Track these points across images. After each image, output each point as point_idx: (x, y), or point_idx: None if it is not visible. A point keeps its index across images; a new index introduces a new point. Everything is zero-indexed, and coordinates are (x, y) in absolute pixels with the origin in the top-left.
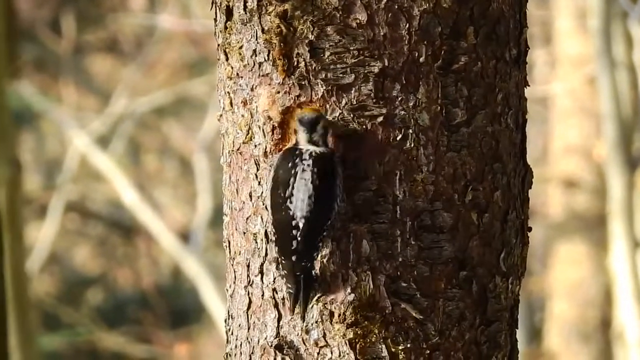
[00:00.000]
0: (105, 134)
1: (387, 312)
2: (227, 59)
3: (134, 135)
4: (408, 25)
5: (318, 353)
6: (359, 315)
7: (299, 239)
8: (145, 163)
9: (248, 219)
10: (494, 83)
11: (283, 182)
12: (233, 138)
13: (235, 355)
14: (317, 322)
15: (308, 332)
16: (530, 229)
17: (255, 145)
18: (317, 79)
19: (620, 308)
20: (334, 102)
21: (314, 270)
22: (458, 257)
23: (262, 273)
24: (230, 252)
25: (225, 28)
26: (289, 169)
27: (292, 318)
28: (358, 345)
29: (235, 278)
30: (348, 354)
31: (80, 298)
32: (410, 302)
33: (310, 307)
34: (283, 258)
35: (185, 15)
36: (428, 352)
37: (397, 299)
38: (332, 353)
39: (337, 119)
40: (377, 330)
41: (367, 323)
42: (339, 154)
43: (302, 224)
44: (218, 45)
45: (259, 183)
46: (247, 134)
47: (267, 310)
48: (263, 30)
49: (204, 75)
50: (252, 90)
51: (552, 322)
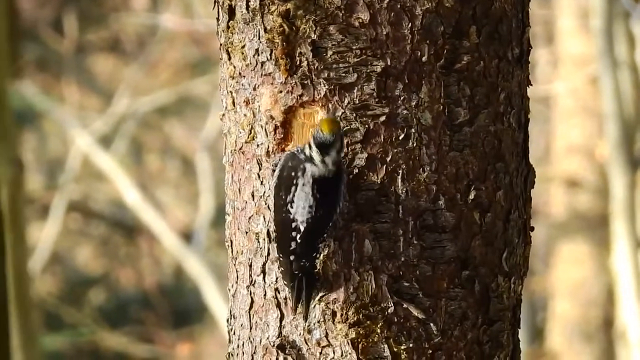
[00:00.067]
0: (108, 134)
1: (389, 311)
2: (229, 59)
3: (136, 135)
4: (410, 25)
5: (320, 353)
6: (361, 315)
7: (298, 241)
8: (148, 163)
9: (250, 219)
10: (497, 82)
11: (285, 187)
12: (235, 137)
13: (238, 355)
14: (319, 321)
15: (310, 331)
16: (533, 229)
17: (258, 145)
18: (319, 78)
19: (623, 308)
20: (337, 101)
21: (316, 270)
22: (460, 256)
23: (264, 273)
24: (233, 251)
25: (228, 27)
26: (292, 177)
27: (294, 318)
28: (360, 345)
29: (238, 278)
30: (350, 354)
31: (83, 298)
32: (413, 301)
33: (313, 306)
34: (281, 256)
35: (188, 15)
36: (430, 351)
37: (399, 299)
38: (334, 353)
39: (339, 119)
40: (379, 330)
41: (369, 323)
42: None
43: (302, 227)
44: (220, 45)
45: (262, 182)
46: (249, 134)
47: (269, 310)
48: (265, 30)
49: (206, 75)
50: (254, 90)
51: (554, 321)
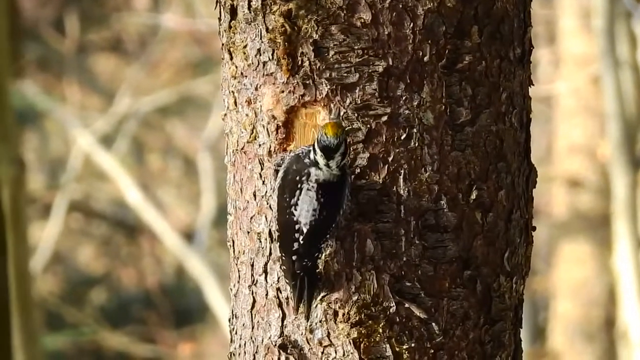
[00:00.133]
0: (109, 134)
1: (391, 311)
2: (231, 58)
3: (138, 135)
4: (412, 25)
5: (322, 352)
6: (363, 315)
7: (301, 242)
8: (149, 162)
9: (252, 218)
10: (498, 82)
11: (289, 189)
12: (237, 137)
13: (239, 355)
14: (321, 321)
15: (312, 331)
16: (535, 228)
17: (260, 145)
18: (321, 78)
19: (624, 307)
20: (338, 101)
21: (318, 270)
22: (462, 256)
23: (266, 272)
24: (235, 251)
25: (230, 27)
26: (296, 182)
27: (296, 317)
28: (362, 345)
29: (240, 277)
30: (352, 353)
31: (84, 298)
32: (415, 301)
33: (315, 306)
34: (284, 255)
35: (189, 15)
36: (432, 351)
37: (401, 298)
38: (336, 352)
39: (342, 118)
40: (381, 330)
41: (371, 322)
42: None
43: (305, 229)
44: (222, 45)
45: (263, 182)
46: (251, 133)
47: (271, 310)
48: (267, 30)
49: (208, 75)
50: (256, 90)
51: (556, 321)
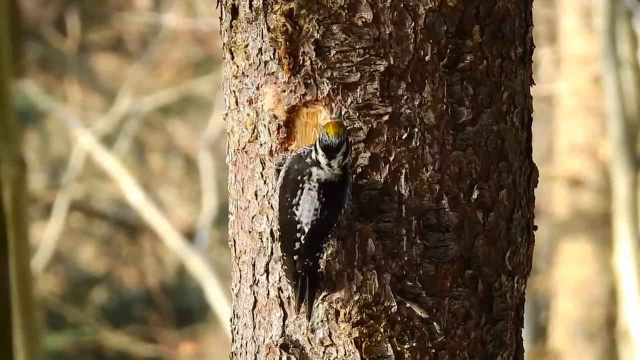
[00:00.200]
0: (110, 133)
1: (392, 311)
2: (232, 58)
3: (139, 134)
4: (414, 24)
5: (324, 352)
6: (365, 314)
7: (302, 242)
8: (150, 162)
9: (254, 218)
10: (500, 82)
11: (291, 189)
12: (238, 137)
13: (241, 355)
14: (322, 321)
15: (313, 331)
16: (536, 228)
17: (261, 144)
18: (322, 78)
19: (626, 307)
20: (340, 100)
21: (319, 269)
22: (464, 255)
23: (267, 272)
24: (236, 251)
25: (231, 27)
26: (298, 182)
27: (297, 317)
28: (363, 344)
29: (241, 277)
30: (353, 353)
31: (85, 297)
32: (416, 301)
33: (316, 306)
34: (285, 255)
35: (191, 14)
36: (433, 351)
37: (402, 298)
38: (337, 352)
39: (342, 118)
40: (382, 329)
41: (372, 322)
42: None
43: (306, 229)
44: (223, 44)
45: (265, 182)
46: (252, 133)
47: (272, 310)
48: (269, 29)
49: (209, 74)
50: (257, 89)
51: (557, 320)
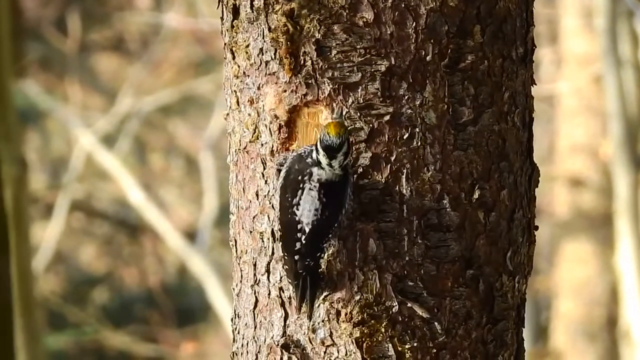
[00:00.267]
0: (111, 133)
1: (393, 311)
2: (233, 58)
3: (140, 134)
4: (415, 24)
5: (325, 352)
6: (366, 314)
7: (303, 242)
8: (151, 162)
9: (255, 218)
10: (501, 82)
11: (292, 189)
12: (239, 137)
13: (242, 354)
14: (323, 321)
15: (315, 331)
16: (537, 228)
17: (262, 144)
18: (323, 78)
19: (627, 307)
20: (341, 100)
21: (320, 269)
22: (465, 255)
23: (268, 272)
24: (237, 251)
25: (232, 27)
26: (298, 182)
27: (298, 317)
28: (365, 344)
29: (242, 277)
30: (355, 353)
31: (86, 297)
32: (417, 300)
33: (317, 306)
34: (286, 255)
35: (192, 14)
36: (435, 350)
37: (403, 298)
38: (338, 352)
39: (344, 118)
40: (383, 329)
41: (373, 322)
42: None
43: (307, 229)
44: (224, 44)
45: (266, 182)
46: (253, 133)
47: (273, 309)
48: (270, 29)
49: (210, 74)
50: (258, 89)
51: (558, 320)
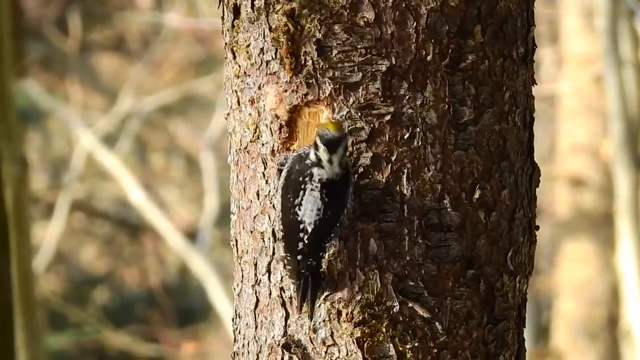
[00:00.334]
0: (112, 133)
1: (394, 310)
2: (234, 58)
3: (141, 134)
4: (415, 24)
5: (325, 352)
6: (367, 314)
7: (306, 242)
8: (152, 162)
9: (255, 218)
10: (502, 81)
11: (293, 189)
12: (240, 137)
13: (243, 354)
14: (324, 320)
15: (316, 330)
16: (538, 228)
17: (263, 144)
18: (324, 78)
19: (627, 306)
20: (342, 100)
21: (321, 269)
22: (465, 255)
23: (269, 272)
24: (238, 250)
25: (233, 26)
26: (299, 182)
27: (299, 317)
28: (365, 344)
29: (243, 277)
30: (355, 353)
31: (87, 297)
32: (418, 300)
33: (318, 306)
34: (289, 255)
35: (192, 14)
36: (435, 350)
37: (404, 298)
38: (339, 352)
39: (344, 118)
40: (384, 329)
41: (374, 322)
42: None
43: (309, 229)
44: (225, 44)
45: (267, 182)
46: (254, 133)
47: (274, 309)
48: (270, 29)
49: (211, 74)
50: (259, 89)
51: (559, 320)
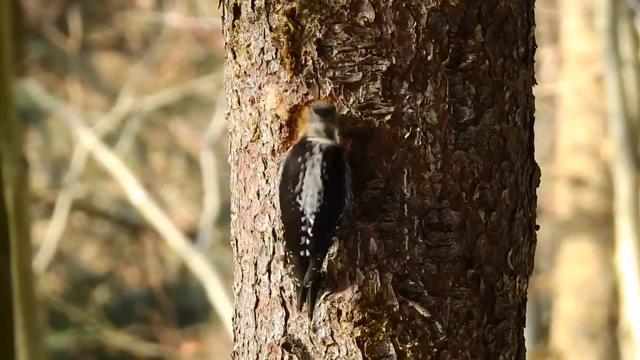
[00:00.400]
0: (112, 132)
1: (394, 310)
2: (234, 57)
3: (141, 134)
4: (416, 24)
5: (325, 351)
6: (367, 314)
7: (310, 235)
8: (152, 161)
9: (256, 217)
10: (502, 81)
11: (292, 177)
12: (241, 136)
13: (243, 354)
14: (324, 320)
15: (315, 330)
16: (538, 227)
17: (263, 144)
18: (324, 77)
19: (627, 306)
20: (342, 100)
21: (322, 269)
22: (466, 255)
23: (269, 271)
24: (238, 250)
25: (233, 26)
26: (299, 164)
27: (299, 316)
28: (365, 344)
29: (243, 276)
30: (355, 352)
31: (87, 297)
32: (418, 300)
33: (318, 305)
34: (291, 253)
35: (193, 13)
36: (435, 350)
37: (404, 297)
38: (339, 351)
39: (344, 117)
40: (384, 329)
41: (374, 321)
42: (347, 152)
43: (312, 220)
44: (225, 44)
45: (267, 181)
46: (254, 133)
47: (274, 309)
48: (271, 29)
49: (212, 74)
50: (259, 89)
51: (559, 320)
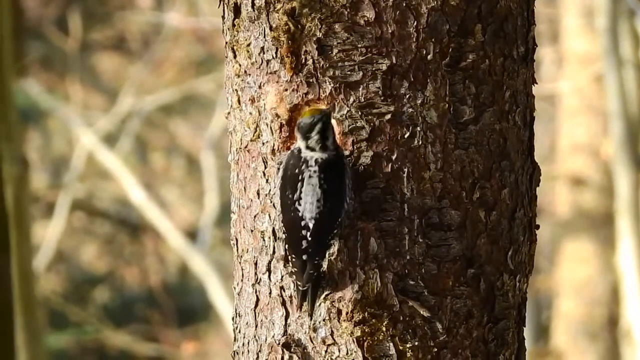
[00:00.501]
0: (112, 132)
1: (394, 309)
2: (234, 57)
3: (141, 134)
4: (416, 23)
5: (326, 351)
6: (367, 313)
7: (309, 239)
8: (153, 161)
9: (256, 217)
10: (502, 81)
11: (291, 184)
12: (241, 136)
13: (243, 354)
14: (324, 320)
15: (316, 330)
16: (538, 227)
17: (263, 143)
18: (325, 77)
19: (628, 306)
20: (342, 99)
21: (322, 268)
22: (466, 254)
23: (269, 271)
24: (238, 250)
25: (233, 25)
26: (297, 174)
27: (299, 316)
28: (365, 343)
29: (243, 276)
30: (355, 352)
31: (87, 296)
32: (418, 299)
33: (318, 305)
34: (294, 256)
35: (193, 13)
36: (436, 350)
37: (404, 297)
38: (339, 351)
39: (344, 117)
40: (384, 328)
41: (374, 321)
42: (347, 152)
43: (311, 225)
44: (226, 43)
45: (267, 181)
46: (254, 132)
47: (274, 308)
48: (271, 28)
49: (212, 73)
50: (260, 88)
51: (559, 320)
